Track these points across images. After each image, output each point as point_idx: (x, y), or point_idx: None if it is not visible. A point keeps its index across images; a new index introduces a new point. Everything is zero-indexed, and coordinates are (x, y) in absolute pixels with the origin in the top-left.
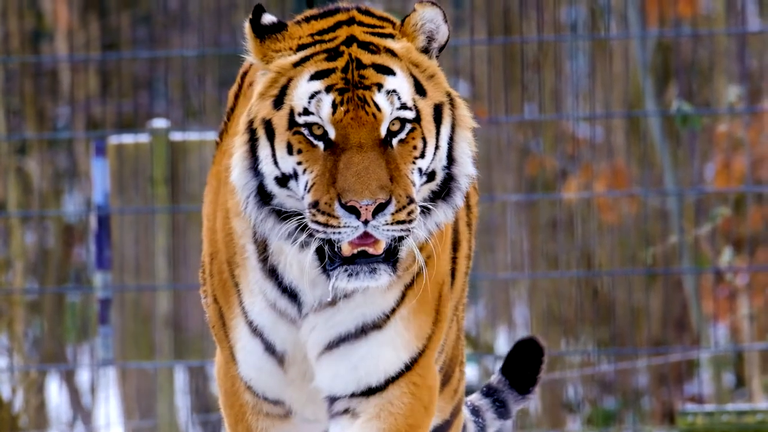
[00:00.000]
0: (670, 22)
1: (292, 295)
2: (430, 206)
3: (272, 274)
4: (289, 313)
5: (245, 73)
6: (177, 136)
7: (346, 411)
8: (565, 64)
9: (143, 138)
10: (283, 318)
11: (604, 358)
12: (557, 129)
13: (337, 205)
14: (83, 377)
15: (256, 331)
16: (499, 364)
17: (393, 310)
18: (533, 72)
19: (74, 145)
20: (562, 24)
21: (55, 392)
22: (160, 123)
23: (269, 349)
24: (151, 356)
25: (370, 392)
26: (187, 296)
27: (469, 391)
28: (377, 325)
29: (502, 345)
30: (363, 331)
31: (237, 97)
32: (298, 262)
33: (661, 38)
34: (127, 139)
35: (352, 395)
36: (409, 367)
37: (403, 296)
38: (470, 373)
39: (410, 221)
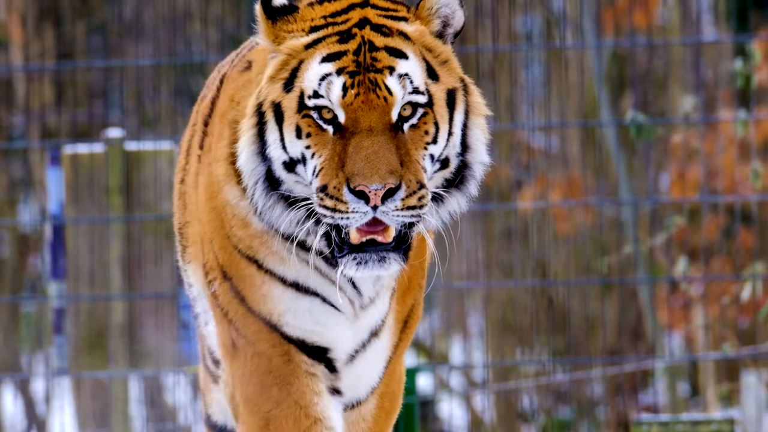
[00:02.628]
0: (625, 32)
1: (318, 253)
2: (443, 194)
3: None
4: (321, 268)
5: (224, 78)
6: (132, 146)
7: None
8: (521, 74)
9: (98, 148)
10: (326, 278)
11: (559, 367)
12: (512, 138)
13: (345, 189)
14: (38, 387)
15: (301, 289)
16: (454, 374)
17: (385, 317)
18: (488, 81)
19: (29, 154)
20: (517, 33)
21: (10, 402)
22: (115, 132)
23: (325, 301)
24: (106, 366)
25: (351, 407)
26: (141, 306)
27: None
28: (375, 333)
29: (457, 355)
30: (372, 335)
31: (221, 81)
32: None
33: (617, 48)
34: (82, 148)
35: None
36: (380, 377)
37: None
38: (425, 382)
39: (421, 207)
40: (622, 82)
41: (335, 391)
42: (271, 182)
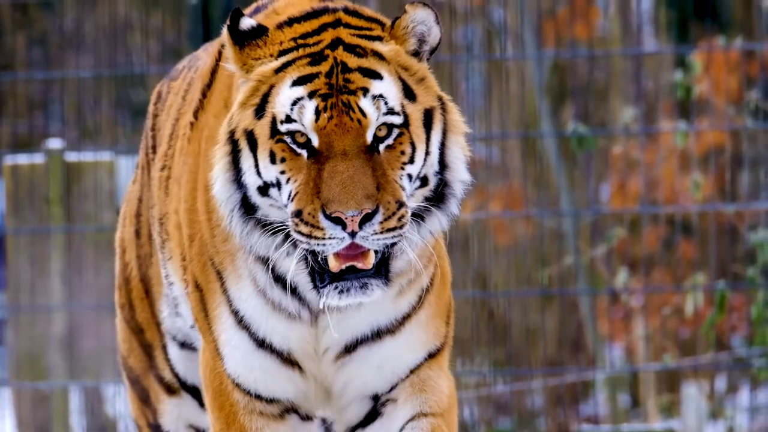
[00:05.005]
0: (566, 43)
1: (284, 285)
2: (425, 211)
3: (264, 261)
4: (287, 308)
5: (221, 47)
6: (72, 157)
7: (387, 401)
8: (461, 84)
9: (38, 158)
10: (279, 312)
11: (499, 378)
12: None
13: (321, 215)
14: None
15: (241, 323)
16: None
17: (408, 315)
18: None
19: None
20: (457, 44)
21: None
22: (55, 143)
23: (263, 345)
24: (46, 377)
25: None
26: (82, 316)
27: None
28: (390, 330)
29: None
30: (378, 334)
31: (213, 72)
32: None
33: (557, 59)
34: (22, 159)
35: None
36: (429, 357)
37: (420, 300)
38: None
39: (401, 227)
40: (562, 93)
41: (307, 417)
42: (247, 208)
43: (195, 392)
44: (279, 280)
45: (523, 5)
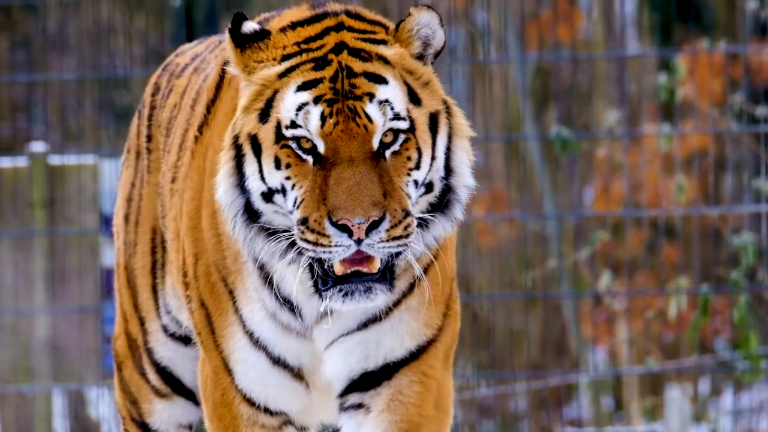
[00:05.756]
0: (549, 46)
1: (291, 307)
2: (429, 218)
3: (268, 282)
4: (294, 327)
5: (225, 63)
6: (55, 160)
7: (359, 406)
8: (444, 88)
9: (21, 162)
10: (289, 332)
11: (483, 381)
12: None
13: (327, 223)
14: None
15: (258, 344)
16: None
17: (398, 302)
18: None
19: None
20: None
21: None
22: (38, 147)
23: (278, 362)
24: (30, 380)
25: (376, 381)
26: (65, 320)
27: None
28: (378, 317)
29: None
30: (365, 324)
31: (218, 88)
32: (292, 275)
33: (540, 62)
34: (5, 162)
35: (364, 389)
36: (416, 356)
37: (412, 287)
38: None
39: (407, 236)
40: (546, 96)
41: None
42: (251, 214)
43: (180, 387)
44: (284, 301)
45: (507, 8)
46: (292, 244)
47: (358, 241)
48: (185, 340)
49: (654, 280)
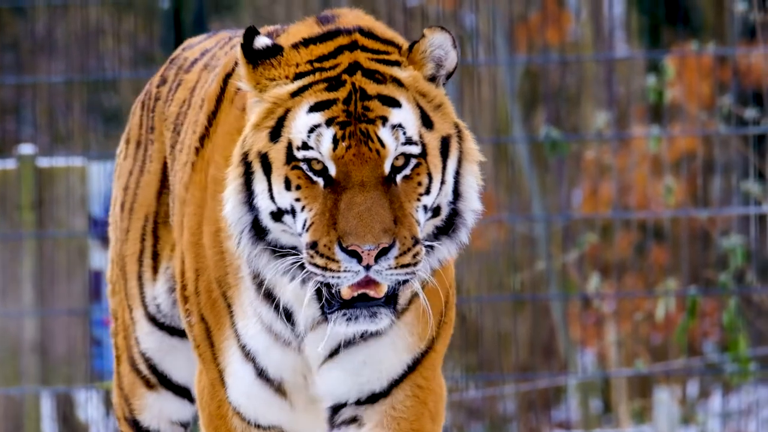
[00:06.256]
0: (538, 49)
1: (287, 316)
2: (435, 244)
3: (268, 296)
4: (284, 335)
5: (228, 75)
6: (44, 162)
7: (353, 420)
8: None
9: (10, 164)
10: (278, 341)
11: (471, 384)
12: None
13: (337, 248)
14: None
15: (248, 356)
16: None
17: (397, 317)
18: None
19: None
20: None
21: None
22: (27, 149)
23: (261, 374)
24: (18, 382)
25: (374, 398)
26: (53, 322)
27: None
28: (376, 332)
29: None
30: (362, 336)
31: (219, 101)
32: (292, 289)
33: (529, 64)
34: None
35: (358, 402)
36: (411, 369)
37: (410, 302)
38: None
39: (415, 264)
40: (534, 99)
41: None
42: (257, 231)
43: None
44: (277, 306)
45: (495, 10)
46: (299, 264)
47: (367, 267)
48: (170, 330)
49: (642, 283)
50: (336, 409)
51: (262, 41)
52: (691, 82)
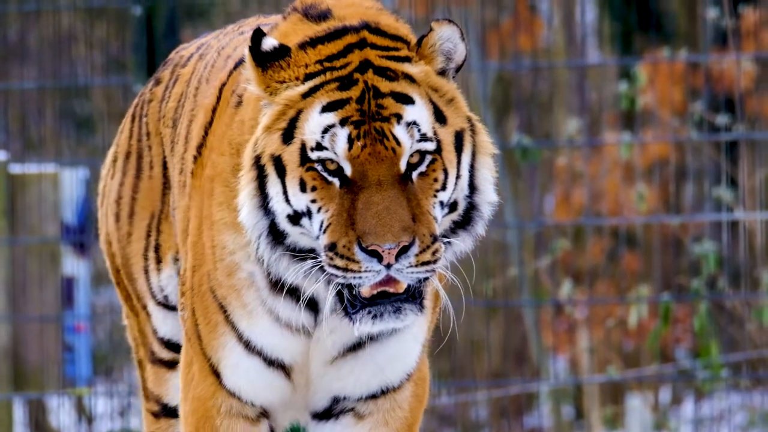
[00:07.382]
0: (510, 55)
1: (311, 306)
2: (452, 239)
3: (291, 291)
4: (300, 326)
5: (222, 86)
6: (16, 169)
7: (350, 410)
8: None
9: None
10: (292, 331)
11: (443, 390)
12: None
13: (356, 248)
14: None
15: (254, 350)
16: None
17: None
18: None
19: None
20: None
21: None
22: None
23: (273, 363)
24: None
25: (382, 393)
26: (25, 328)
27: None
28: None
29: None
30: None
31: (214, 111)
32: (316, 288)
33: (501, 71)
34: None
35: (366, 397)
36: (416, 361)
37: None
38: None
39: (435, 261)
40: (506, 105)
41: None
42: (275, 235)
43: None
44: (298, 299)
45: (467, 16)
46: (321, 268)
47: (388, 266)
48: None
49: (615, 289)
50: (337, 399)
51: (269, 43)
52: (663, 89)
